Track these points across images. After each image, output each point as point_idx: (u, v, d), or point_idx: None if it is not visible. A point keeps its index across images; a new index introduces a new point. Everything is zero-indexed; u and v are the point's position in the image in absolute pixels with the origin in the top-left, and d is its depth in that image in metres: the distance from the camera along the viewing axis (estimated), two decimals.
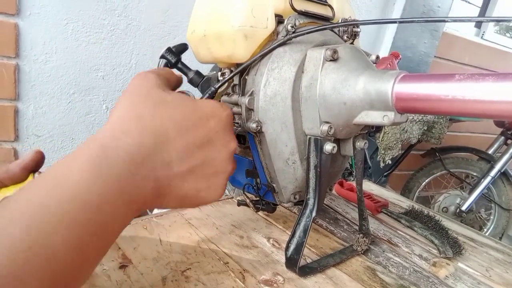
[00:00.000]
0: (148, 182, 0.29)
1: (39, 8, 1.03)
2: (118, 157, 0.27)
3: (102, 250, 0.27)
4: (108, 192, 0.26)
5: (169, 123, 0.31)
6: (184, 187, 0.32)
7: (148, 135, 0.30)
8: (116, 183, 0.27)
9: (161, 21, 1.22)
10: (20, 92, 1.06)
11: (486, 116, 0.32)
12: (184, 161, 0.32)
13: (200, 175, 0.33)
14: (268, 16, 0.42)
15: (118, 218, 0.27)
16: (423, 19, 0.35)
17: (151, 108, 0.31)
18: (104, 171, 0.26)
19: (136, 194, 0.28)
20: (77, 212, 0.24)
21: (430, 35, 1.90)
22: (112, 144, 0.28)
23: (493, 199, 1.93)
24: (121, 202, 0.27)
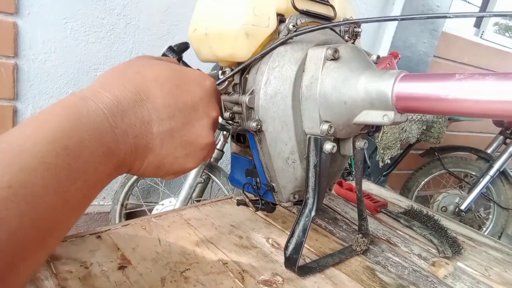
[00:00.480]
0: (127, 137, 0.30)
1: (38, 7, 1.03)
2: (97, 108, 0.28)
3: (83, 199, 0.27)
4: (87, 139, 0.26)
5: (152, 83, 0.32)
6: (162, 151, 0.33)
7: (128, 91, 0.30)
8: (96, 131, 0.27)
9: (160, 20, 1.21)
10: (18, 91, 1.06)
11: (486, 116, 0.32)
12: (164, 122, 0.32)
13: (179, 140, 0.34)
14: (270, 15, 0.42)
15: (99, 168, 0.27)
16: (424, 16, 0.35)
17: (136, 67, 0.32)
18: (83, 120, 0.27)
19: (115, 147, 0.29)
20: (56, 156, 0.24)
21: (429, 35, 1.90)
22: (92, 97, 0.28)
23: (492, 198, 1.93)
24: (101, 152, 0.27)
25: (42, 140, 0.24)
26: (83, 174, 0.26)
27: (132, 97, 0.30)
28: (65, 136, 0.25)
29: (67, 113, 0.26)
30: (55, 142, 0.24)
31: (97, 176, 0.27)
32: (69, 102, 0.28)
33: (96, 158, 0.27)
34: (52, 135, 0.25)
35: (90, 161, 0.26)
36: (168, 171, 0.35)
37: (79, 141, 0.26)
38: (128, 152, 0.30)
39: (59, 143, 0.24)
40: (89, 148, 0.26)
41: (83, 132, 0.26)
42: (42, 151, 0.24)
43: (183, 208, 0.59)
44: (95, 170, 0.27)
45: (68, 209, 0.25)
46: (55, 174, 0.24)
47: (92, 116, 0.27)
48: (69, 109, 0.27)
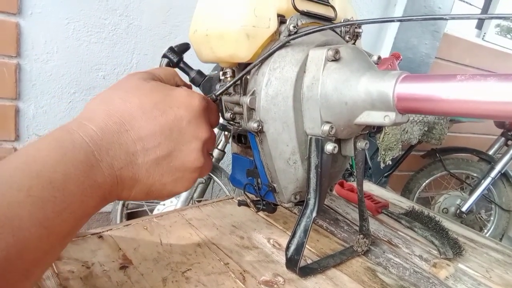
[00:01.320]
0: (112, 170, 0.30)
1: (40, 8, 1.03)
2: (82, 142, 0.28)
3: (70, 230, 0.27)
4: (72, 173, 0.27)
5: (137, 111, 0.31)
6: (149, 181, 0.33)
7: (112, 122, 0.30)
8: (81, 165, 0.27)
9: (162, 20, 1.22)
10: (21, 91, 1.06)
11: (488, 117, 0.32)
12: (149, 151, 0.32)
13: (166, 168, 0.33)
14: (271, 16, 0.42)
15: (85, 201, 0.28)
16: (421, 17, 0.35)
17: (123, 92, 0.32)
18: (69, 154, 0.27)
19: (101, 180, 0.29)
20: (42, 189, 0.24)
21: (431, 36, 1.90)
22: (77, 130, 0.29)
23: (493, 200, 1.93)
24: (87, 185, 0.28)
25: (28, 174, 0.24)
26: (69, 207, 0.26)
27: (116, 128, 0.30)
28: (50, 170, 0.25)
29: (53, 146, 0.27)
30: (41, 175, 0.25)
31: (83, 208, 0.28)
32: (56, 136, 0.28)
33: (82, 191, 0.27)
34: (38, 168, 0.25)
35: (75, 194, 0.27)
36: (158, 196, 0.35)
37: (64, 174, 0.26)
38: (114, 184, 0.30)
39: (45, 176, 0.25)
40: (75, 181, 0.27)
41: (68, 166, 0.26)
42: (28, 184, 0.24)
43: (185, 208, 0.59)
44: (81, 203, 0.27)
45: (54, 240, 0.26)
46: (41, 207, 0.24)
47: (77, 149, 0.28)
48: (55, 142, 0.27)
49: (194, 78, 0.47)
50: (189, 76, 0.47)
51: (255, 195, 0.50)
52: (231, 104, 0.47)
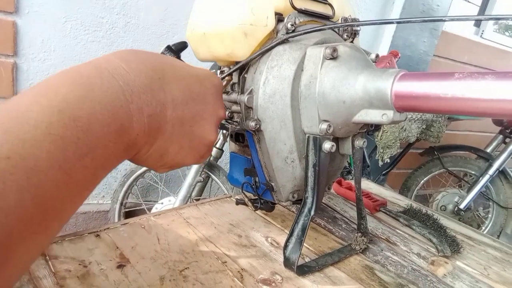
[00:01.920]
0: (142, 116, 0.27)
1: (37, 6, 1.02)
2: (111, 79, 0.25)
3: (90, 179, 0.24)
4: (99, 112, 0.23)
5: (168, 66, 0.30)
6: (171, 138, 0.31)
7: (144, 66, 0.28)
8: (109, 104, 0.24)
9: (160, 19, 1.21)
10: (18, 90, 1.06)
11: (486, 115, 0.32)
12: (177, 107, 0.31)
13: (188, 130, 0.32)
14: (268, 14, 0.42)
15: (109, 146, 0.24)
16: (420, 19, 0.35)
17: (150, 53, 0.30)
18: (96, 90, 0.24)
19: (128, 125, 0.26)
20: (64, 127, 0.21)
21: (429, 34, 1.90)
22: (106, 66, 0.25)
23: (491, 197, 1.93)
24: (113, 128, 0.25)
25: (49, 109, 0.21)
26: (91, 151, 0.23)
27: (150, 74, 0.28)
28: (75, 106, 0.22)
29: (78, 81, 0.24)
30: (63, 111, 0.21)
31: (106, 155, 0.24)
32: (80, 69, 0.25)
33: (107, 134, 0.24)
34: (60, 103, 0.22)
35: (100, 137, 0.23)
36: (168, 162, 0.33)
37: (90, 113, 0.23)
38: (141, 133, 0.27)
39: (68, 113, 0.22)
40: (101, 122, 0.23)
41: (95, 104, 0.23)
42: (48, 121, 0.21)
43: (182, 207, 0.59)
44: (105, 148, 0.24)
45: (73, 188, 0.22)
46: (62, 148, 0.21)
47: (105, 86, 0.24)
48: (80, 77, 0.24)
49: None
50: None
51: (253, 193, 0.50)
52: (229, 103, 0.47)
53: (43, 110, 0.21)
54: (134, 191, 1.46)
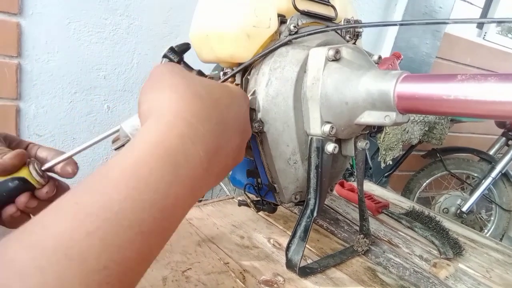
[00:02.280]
0: (212, 176, 0.28)
1: (41, 8, 1.03)
2: (195, 152, 0.25)
3: (161, 248, 0.25)
4: (181, 195, 0.24)
5: (223, 108, 0.30)
6: (224, 170, 0.32)
7: (215, 122, 0.28)
8: (189, 182, 0.24)
9: (163, 20, 1.22)
10: (21, 91, 1.06)
11: (489, 117, 0.32)
12: (233, 153, 0.31)
13: (233, 160, 0.33)
14: (271, 16, 0.42)
15: (182, 218, 0.25)
16: (423, 21, 0.35)
17: (203, 87, 0.29)
18: (181, 170, 0.24)
19: (202, 190, 0.27)
20: (154, 222, 0.22)
21: (432, 36, 1.90)
22: (189, 134, 0.25)
23: (493, 200, 1.92)
24: (189, 202, 0.25)
25: (141, 204, 0.21)
26: (170, 232, 0.24)
27: (218, 130, 0.28)
28: (163, 196, 0.22)
29: (166, 162, 0.23)
30: (154, 205, 0.22)
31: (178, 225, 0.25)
32: (166, 142, 0.24)
33: (185, 210, 0.25)
34: (151, 196, 0.22)
35: (180, 216, 0.24)
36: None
37: (175, 198, 0.23)
38: (203, 188, 0.28)
39: (158, 205, 0.22)
40: (182, 203, 0.24)
41: (180, 187, 0.24)
42: (141, 218, 0.21)
43: None
44: (179, 222, 0.25)
45: (150, 262, 0.23)
46: (150, 243, 0.22)
47: (190, 164, 0.24)
48: (167, 155, 0.23)
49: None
50: None
51: (255, 195, 0.50)
52: None
53: (136, 206, 0.21)
54: None
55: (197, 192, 0.26)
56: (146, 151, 0.23)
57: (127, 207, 0.21)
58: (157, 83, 0.29)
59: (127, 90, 1.22)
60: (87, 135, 1.18)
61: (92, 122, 1.18)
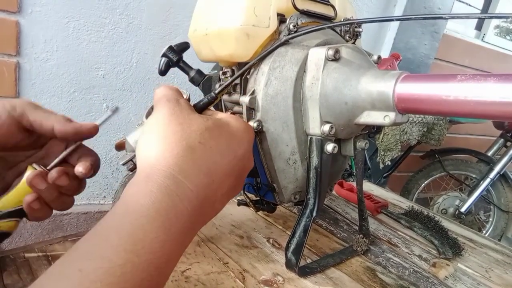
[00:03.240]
0: (199, 226, 0.30)
1: (40, 6, 1.03)
2: (183, 209, 0.27)
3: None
4: (174, 252, 0.26)
5: (217, 156, 0.31)
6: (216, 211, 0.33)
7: (203, 175, 0.29)
8: (180, 236, 0.26)
9: (162, 20, 1.22)
10: (20, 90, 1.06)
11: (487, 117, 0.32)
12: (224, 195, 0.32)
13: (226, 200, 0.34)
14: (270, 15, 0.42)
15: (173, 267, 0.27)
16: (420, 16, 0.35)
17: (198, 135, 0.31)
18: (173, 229, 0.26)
19: (190, 239, 0.29)
20: (151, 279, 0.23)
21: (430, 37, 1.90)
22: (177, 192, 0.27)
23: (492, 201, 1.93)
24: (180, 253, 0.27)
25: (140, 266, 0.23)
26: (166, 280, 0.26)
27: (207, 182, 0.29)
28: (159, 256, 0.24)
29: (158, 223, 0.25)
30: (151, 264, 0.24)
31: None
32: (158, 206, 0.26)
33: (176, 261, 0.27)
34: (148, 256, 0.24)
35: (172, 267, 0.26)
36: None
37: (169, 254, 0.25)
38: (191, 236, 0.29)
39: (154, 264, 0.24)
40: (175, 257, 0.26)
41: (173, 244, 0.26)
42: (139, 278, 0.23)
43: None
44: (172, 269, 0.27)
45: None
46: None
47: (179, 220, 0.26)
48: (159, 216, 0.25)
49: (193, 77, 0.47)
50: (189, 75, 0.47)
51: (254, 194, 0.50)
52: (231, 103, 0.47)
53: (135, 268, 0.23)
54: None
55: (187, 243, 0.28)
56: (139, 214, 0.25)
57: (128, 271, 0.22)
58: (152, 133, 0.31)
59: (126, 89, 1.22)
60: None
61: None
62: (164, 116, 0.31)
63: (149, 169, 0.28)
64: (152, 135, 0.30)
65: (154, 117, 0.32)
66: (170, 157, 0.28)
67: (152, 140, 0.30)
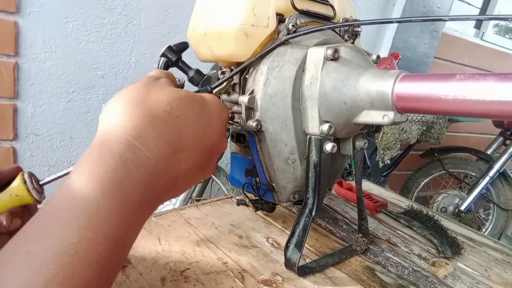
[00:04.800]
0: (159, 197, 0.28)
1: (39, 6, 1.03)
2: (139, 177, 0.25)
3: (121, 266, 0.26)
4: (132, 222, 0.25)
5: (183, 127, 0.29)
6: (181, 188, 0.31)
7: (164, 142, 0.27)
8: (138, 206, 0.25)
9: (161, 20, 1.21)
10: (19, 90, 1.06)
11: (487, 116, 0.32)
12: (188, 171, 0.30)
13: (192, 180, 0.32)
14: (269, 15, 0.42)
15: (134, 239, 0.26)
16: (420, 18, 0.35)
17: (165, 103, 0.29)
18: (129, 198, 0.24)
19: (149, 210, 0.27)
20: (110, 253, 0.22)
21: (429, 36, 1.90)
22: (132, 159, 0.25)
23: (491, 199, 1.93)
24: (140, 223, 0.26)
25: (95, 241, 0.22)
26: (127, 252, 0.25)
27: (168, 151, 0.28)
28: (116, 227, 0.23)
29: (113, 193, 0.24)
30: (108, 238, 0.22)
31: (132, 240, 0.26)
32: (111, 172, 0.24)
33: (136, 232, 0.26)
34: (104, 231, 0.22)
35: (132, 238, 0.25)
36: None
37: (127, 225, 0.24)
38: (153, 208, 0.28)
39: (111, 237, 0.23)
40: (133, 227, 0.25)
41: (130, 215, 0.24)
42: (96, 254, 0.21)
43: (183, 208, 0.59)
44: (132, 243, 0.26)
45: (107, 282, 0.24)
46: (109, 272, 0.22)
47: (136, 189, 0.25)
48: (114, 187, 0.24)
49: (192, 77, 0.47)
50: (188, 75, 0.47)
51: (254, 194, 0.50)
52: (230, 103, 0.47)
53: (91, 244, 0.21)
54: None
55: (147, 213, 0.27)
56: (91, 185, 0.23)
57: (82, 249, 0.21)
58: (116, 100, 0.29)
59: None
60: (85, 134, 1.17)
61: (90, 122, 1.17)
62: (135, 86, 0.30)
63: (104, 136, 0.26)
64: (116, 101, 0.29)
65: (125, 87, 0.31)
66: (128, 122, 0.27)
67: (114, 106, 0.28)
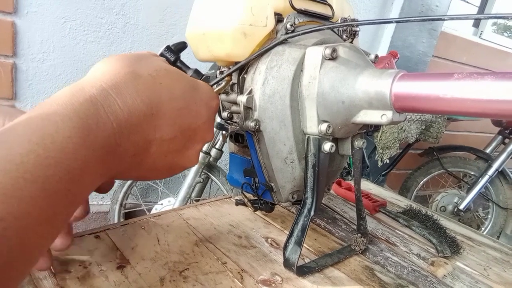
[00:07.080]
0: (126, 156, 0.27)
1: (36, 7, 1.02)
2: (107, 121, 0.24)
3: (68, 217, 0.24)
4: (91, 161, 0.23)
5: (165, 94, 0.29)
6: (149, 170, 0.31)
7: (140, 101, 0.27)
8: (101, 150, 0.24)
9: (159, 19, 1.21)
10: (17, 91, 1.06)
11: (485, 115, 0.32)
12: (164, 143, 0.30)
13: (170, 162, 0.32)
14: (268, 14, 0.42)
15: (91, 187, 0.25)
16: (419, 18, 0.35)
17: (152, 68, 0.28)
18: (91, 135, 0.23)
19: (114, 167, 0.26)
20: (59, 181, 0.21)
21: (428, 35, 1.91)
22: (102, 103, 0.25)
23: (490, 198, 1.93)
24: (100, 173, 0.25)
25: (46, 161, 0.21)
26: (77, 199, 0.23)
27: (143, 110, 0.27)
28: (71, 157, 0.22)
29: (75, 123, 0.23)
30: (59, 164, 0.21)
31: (87, 194, 0.25)
32: (78, 107, 0.23)
33: (95, 180, 0.24)
34: (57, 154, 0.21)
35: (88, 185, 0.24)
36: (142, 179, 0.34)
37: (84, 161, 0.23)
38: (122, 170, 0.27)
39: (64, 165, 0.21)
40: (92, 170, 0.24)
41: (89, 151, 0.23)
42: (44, 175, 0.20)
43: (182, 208, 0.58)
44: (88, 190, 0.25)
45: (55, 235, 0.23)
46: (54, 203, 0.21)
47: (100, 130, 0.24)
48: (77, 118, 0.23)
49: (191, 77, 0.46)
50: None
51: (252, 194, 0.50)
52: (228, 103, 0.47)
53: (40, 162, 0.20)
54: (133, 192, 1.46)
55: (110, 165, 0.26)
56: (54, 110, 0.23)
57: (30, 161, 0.20)
58: (102, 60, 0.29)
59: None
60: None
61: None
62: (127, 54, 0.30)
63: (81, 82, 0.26)
64: (104, 60, 0.28)
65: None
66: (108, 74, 0.26)
67: (101, 63, 0.28)
